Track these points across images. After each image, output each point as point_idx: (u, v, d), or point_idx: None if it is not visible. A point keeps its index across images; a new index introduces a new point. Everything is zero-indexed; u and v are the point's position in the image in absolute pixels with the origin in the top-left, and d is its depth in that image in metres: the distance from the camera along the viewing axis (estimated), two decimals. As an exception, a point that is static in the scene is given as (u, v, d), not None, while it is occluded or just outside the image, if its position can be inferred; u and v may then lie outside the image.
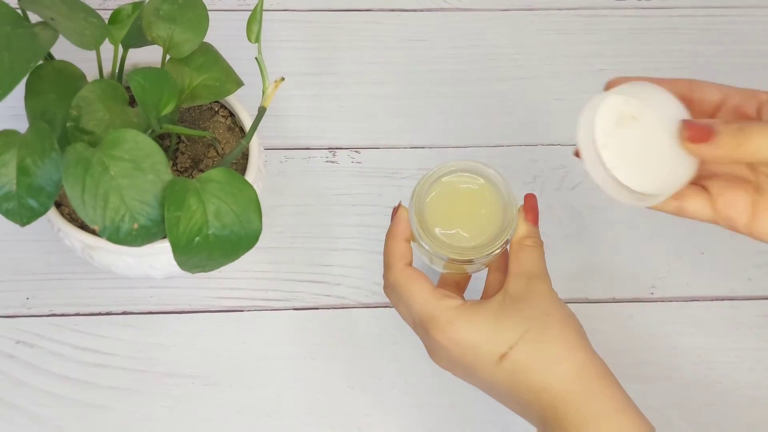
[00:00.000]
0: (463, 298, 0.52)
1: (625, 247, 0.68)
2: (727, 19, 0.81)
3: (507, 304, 0.50)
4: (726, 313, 0.66)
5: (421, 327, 0.51)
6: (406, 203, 0.54)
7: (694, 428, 0.62)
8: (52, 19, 0.50)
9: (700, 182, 0.48)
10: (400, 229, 0.53)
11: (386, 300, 0.65)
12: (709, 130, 0.43)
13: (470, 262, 0.53)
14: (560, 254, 0.68)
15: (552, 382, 0.48)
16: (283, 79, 0.55)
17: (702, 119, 0.45)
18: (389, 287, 0.53)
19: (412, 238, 0.54)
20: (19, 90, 0.49)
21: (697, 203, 0.48)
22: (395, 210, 0.54)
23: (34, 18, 0.52)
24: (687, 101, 0.47)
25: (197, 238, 0.51)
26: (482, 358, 0.49)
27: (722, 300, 0.67)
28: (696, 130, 0.44)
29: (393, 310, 0.65)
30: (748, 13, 0.81)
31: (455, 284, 0.57)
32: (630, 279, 0.67)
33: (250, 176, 0.59)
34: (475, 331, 0.49)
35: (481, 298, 0.54)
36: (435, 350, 0.51)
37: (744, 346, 0.65)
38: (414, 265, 0.53)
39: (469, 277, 0.58)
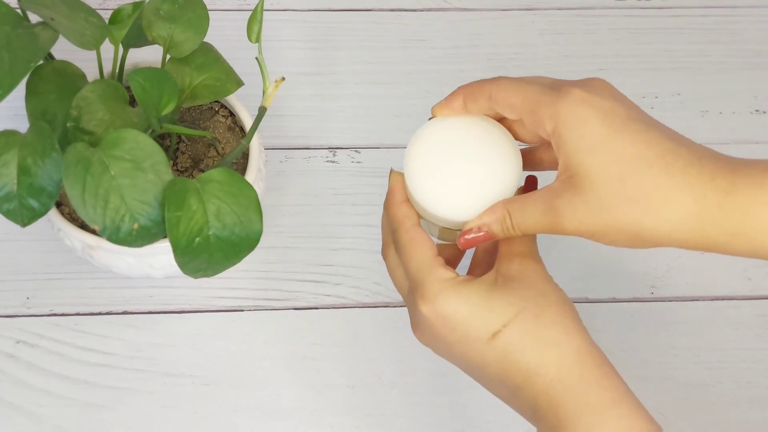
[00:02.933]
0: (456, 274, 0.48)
1: (625, 247, 0.68)
2: (727, 19, 0.81)
3: (500, 282, 0.46)
4: (726, 313, 0.66)
5: (410, 295, 0.48)
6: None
7: (694, 428, 0.62)
8: (52, 19, 0.50)
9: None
10: (397, 193, 0.50)
11: (386, 300, 0.65)
12: (487, 235, 0.47)
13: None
14: (560, 254, 0.68)
15: (547, 366, 0.44)
16: (283, 78, 0.55)
17: (472, 224, 0.48)
18: (397, 247, 0.49)
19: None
20: (20, 90, 0.49)
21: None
22: (390, 177, 0.51)
23: (34, 18, 0.52)
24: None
25: (198, 239, 0.51)
26: (472, 335, 0.45)
27: (722, 300, 0.67)
28: (470, 241, 0.48)
29: (393, 310, 0.65)
30: (748, 13, 0.81)
31: (446, 260, 0.53)
32: (630, 279, 0.67)
33: (251, 176, 0.59)
34: (465, 305, 0.45)
35: (467, 274, 0.50)
36: (419, 323, 0.47)
37: (744, 346, 0.65)
38: None
39: (462, 254, 0.55)
